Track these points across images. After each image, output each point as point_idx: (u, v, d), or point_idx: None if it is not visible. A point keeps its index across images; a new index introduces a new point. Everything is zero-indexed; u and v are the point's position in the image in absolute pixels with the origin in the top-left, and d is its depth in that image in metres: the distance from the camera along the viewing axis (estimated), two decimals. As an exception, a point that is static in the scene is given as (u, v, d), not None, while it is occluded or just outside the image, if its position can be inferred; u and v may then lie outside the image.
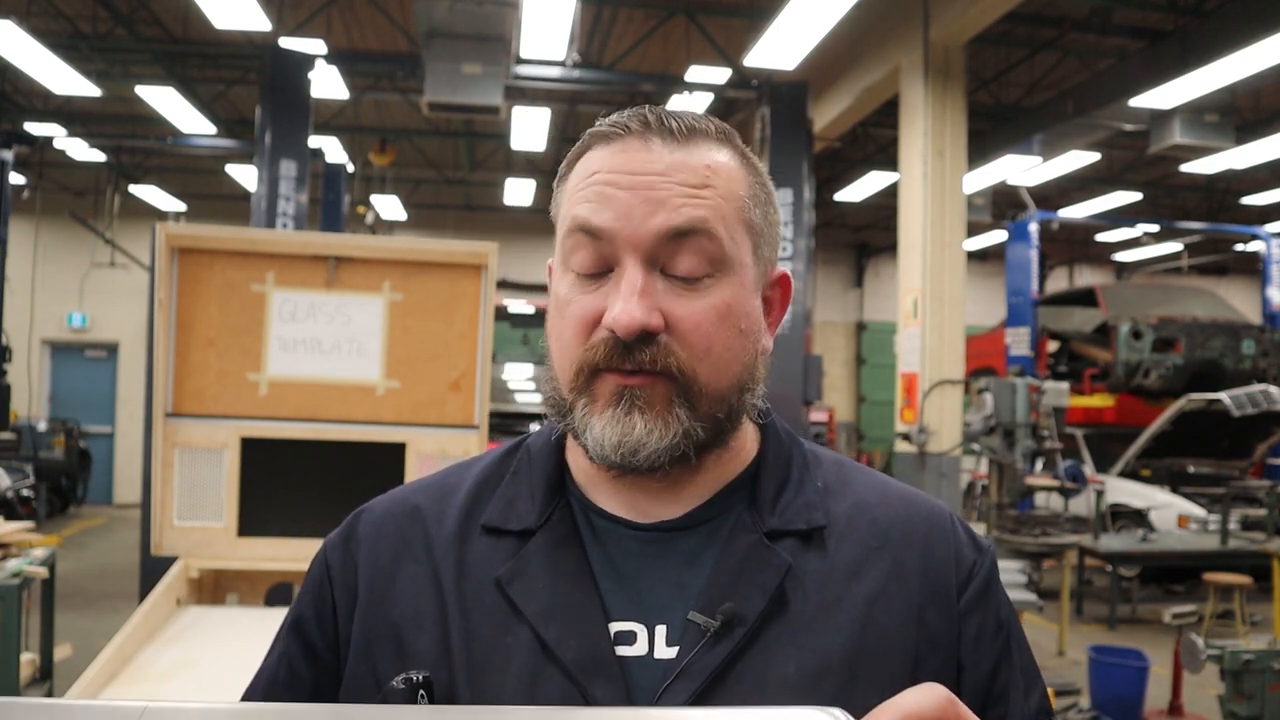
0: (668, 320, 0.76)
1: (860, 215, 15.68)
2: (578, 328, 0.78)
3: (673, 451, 0.77)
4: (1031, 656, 0.86)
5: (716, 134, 0.82)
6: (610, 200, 0.77)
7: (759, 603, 0.76)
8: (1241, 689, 3.74)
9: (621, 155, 0.78)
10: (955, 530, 0.86)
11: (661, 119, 0.79)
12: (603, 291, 0.77)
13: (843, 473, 0.88)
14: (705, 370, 0.77)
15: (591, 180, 0.79)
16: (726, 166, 0.80)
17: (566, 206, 0.80)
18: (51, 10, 8.73)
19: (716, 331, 0.77)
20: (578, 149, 0.83)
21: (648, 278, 0.76)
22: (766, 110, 7.86)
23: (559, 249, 0.82)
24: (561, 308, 0.80)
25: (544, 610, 0.77)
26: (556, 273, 0.82)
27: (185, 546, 2.85)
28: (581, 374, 0.78)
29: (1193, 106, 8.32)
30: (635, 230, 0.76)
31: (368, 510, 0.89)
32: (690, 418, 0.77)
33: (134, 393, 13.44)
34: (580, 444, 0.79)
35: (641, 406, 0.76)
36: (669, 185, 0.77)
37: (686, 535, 0.81)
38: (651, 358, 0.75)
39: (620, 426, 0.76)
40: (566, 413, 0.80)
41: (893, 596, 0.80)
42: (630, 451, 0.76)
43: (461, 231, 14.82)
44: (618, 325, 0.74)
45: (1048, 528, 6.47)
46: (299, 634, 0.85)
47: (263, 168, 7.61)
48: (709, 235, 0.77)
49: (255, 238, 3.12)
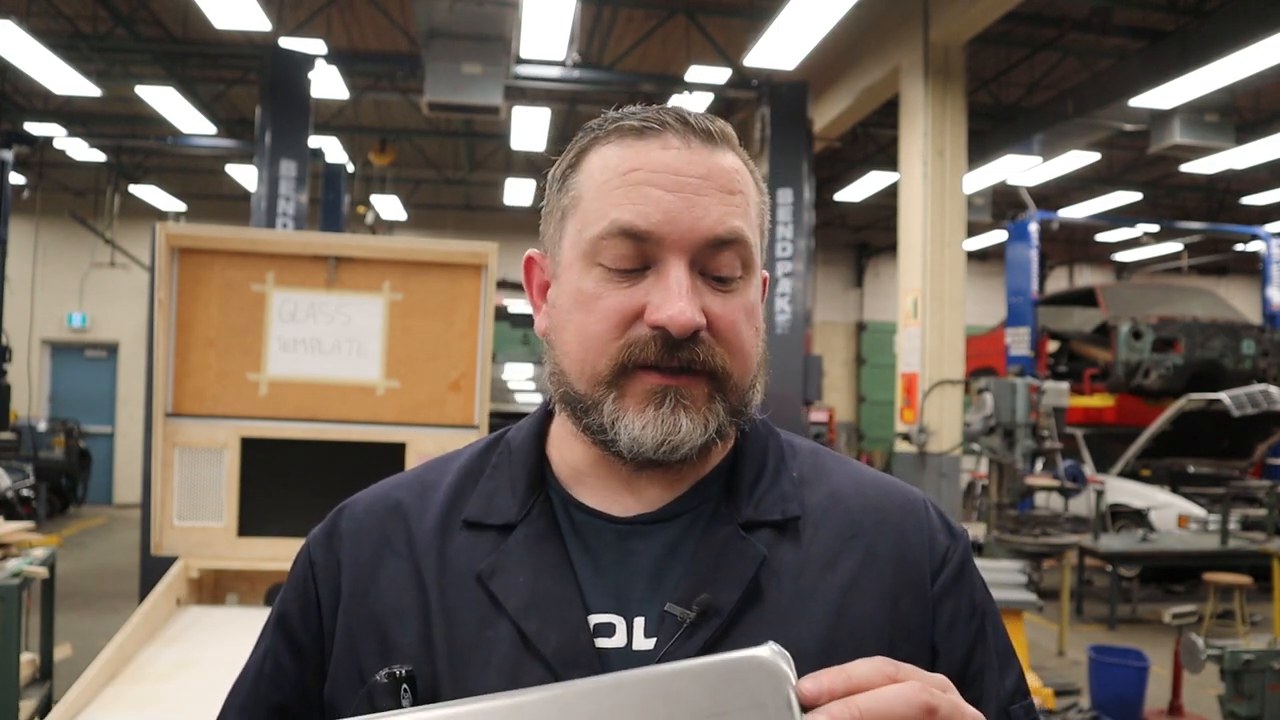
0: (707, 318, 0.78)
1: (860, 215, 15.68)
2: (613, 322, 0.78)
3: (706, 447, 0.79)
4: (1008, 639, 0.87)
5: (732, 138, 0.83)
6: (657, 202, 0.77)
7: (734, 594, 0.77)
8: (1241, 689, 3.74)
9: (661, 153, 0.78)
10: (929, 516, 0.87)
11: (696, 119, 0.80)
12: (640, 288, 0.78)
13: (818, 463, 0.89)
14: (736, 367, 0.80)
15: (631, 178, 0.78)
16: (743, 172, 0.83)
17: (598, 202, 0.79)
18: (51, 10, 8.73)
19: (744, 330, 0.80)
20: (593, 139, 0.82)
21: (691, 277, 0.77)
22: (766, 110, 7.86)
23: (579, 242, 0.80)
24: (589, 301, 0.79)
25: (524, 604, 0.78)
26: (573, 266, 0.81)
27: (185, 546, 2.85)
28: (616, 370, 0.78)
29: (1193, 106, 8.32)
30: (683, 234, 0.77)
31: (350, 506, 0.90)
32: (725, 413, 0.80)
33: (134, 393, 13.44)
34: (601, 440, 0.79)
35: (686, 405, 0.78)
36: (710, 190, 0.78)
37: (664, 527, 0.82)
38: (700, 356, 0.77)
39: (665, 425, 0.77)
40: (589, 409, 0.80)
41: (867, 585, 0.81)
42: (672, 449, 0.77)
43: (461, 231, 14.82)
44: (673, 324, 0.75)
45: (1048, 528, 6.47)
46: (284, 630, 0.86)
47: (263, 168, 7.61)
48: (743, 243, 0.80)
49: (255, 238, 3.13)
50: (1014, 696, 0.83)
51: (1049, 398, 6.45)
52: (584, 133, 0.84)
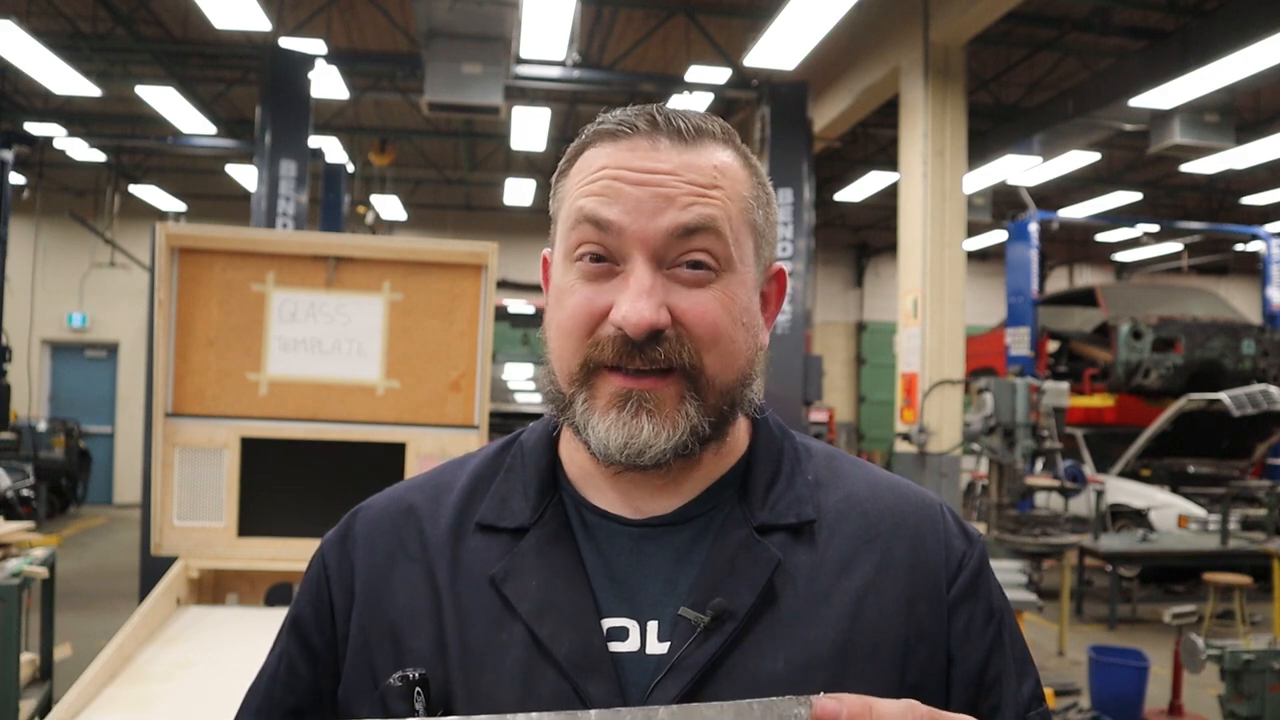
0: (674, 315, 0.76)
1: (860, 215, 15.68)
2: (580, 321, 0.78)
3: (679, 450, 0.77)
4: (1024, 645, 0.86)
5: (721, 134, 0.82)
6: (619, 195, 0.77)
7: (748, 598, 0.77)
8: (1241, 689, 3.74)
9: (629, 153, 0.78)
10: (945, 521, 0.86)
11: (669, 119, 0.80)
12: (609, 286, 0.77)
13: (834, 465, 0.88)
14: (712, 361, 0.78)
15: (599, 175, 0.78)
16: (732, 167, 0.81)
17: (571, 199, 0.80)
18: (51, 10, 8.73)
19: (722, 323, 0.78)
20: (579, 144, 0.83)
21: (655, 275, 0.76)
22: (766, 110, 7.86)
23: (561, 241, 0.82)
24: (562, 299, 0.80)
25: (537, 607, 0.77)
26: (558, 265, 0.82)
27: (185, 546, 2.85)
28: (584, 369, 0.78)
29: (1193, 106, 8.31)
30: (644, 227, 0.76)
31: (364, 509, 0.90)
32: (699, 413, 0.78)
33: (134, 393, 13.44)
34: (581, 439, 0.80)
35: (650, 409, 0.77)
36: (678, 184, 0.77)
37: (678, 530, 0.81)
38: (664, 354, 0.76)
39: (626, 429, 0.76)
40: (566, 407, 0.80)
41: (882, 589, 0.80)
42: (636, 453, 0.76)
43: (461, 231, 14.82)
44: (627, 324, 0.74)
45: (1048, 528, 6.47)
46: (298, 633, 0.86)
47: (263, 168, 7.61)
48: (716, 234, 0.78)
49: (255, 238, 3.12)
50: (1031, 704, 0.82)
51: (1049, 398, 6.45)
52: (579, 136, 0.84)
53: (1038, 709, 0.82)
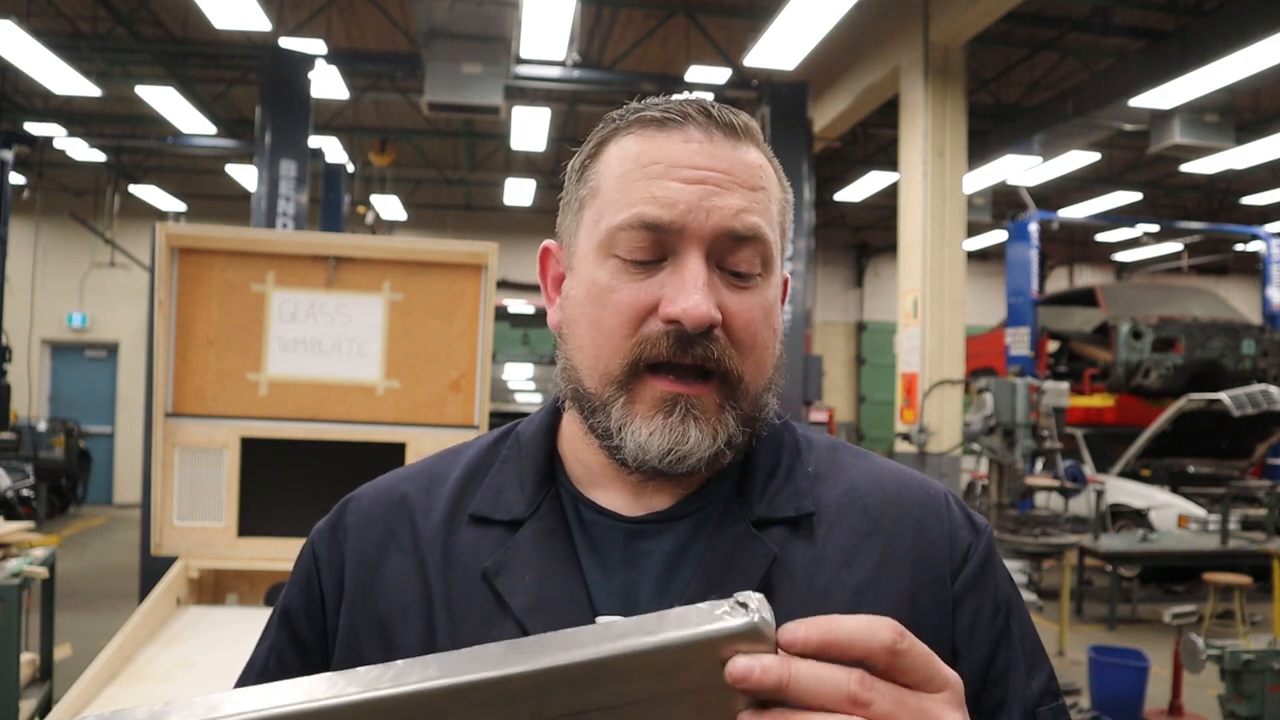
0: (723, 315, 0.76)
1: (860, 215, 15.68)
2: (626, 316, 0.76)
3: (716, 458, 0.77)
4: (1036, 637, 0.83)
5: (755, 132, 0.82)
6: (678, 194, 0.75)
7: None
8: (1241, 689, 3.74)
9: (683, 145, 0.77)
10: (950, 511, 0.84)
11: (718, 112, 0.79)
12: (655, 280, 0.76)
13: (835, 457, 0.87)
14: (749, 369, 0.77)
15: (652, 170, 0.77)
16: (766, 168, 0.81)
17: (617, 193, 0.78)
18: (51, 10, 8.73)
19: (760, 329, 0.78)
20: (613, 130, 0.81)
21: (709, 272, 0.76)
22: (766, 110, 7.86)
23: (597, 233, 0.79)
24: (603, 295, 0.77)
25: (530, 604, 0.76)
26: (589, 257, 0.79)
27: (185, 546, 2.85)
28: (627, 370, 0.76)
29: (1193, 106, 8.32)
30: (702, 225, 0.75)
31: (355, 499, 0.88)
32: (736, 421, 0.77)
33: (134, 393, 13.44)
34: (607, 444, 0.78)
35: (696, 415, 0.75)
36: (732, 185, 0.76)
37: (674, 526, 0.80)
38: (714, 354, 0.75)
39: (673, 435, 0.75)
40: (596, 410, 0.78)
41: (885, 584, 0.78)
42: (679, 459, 0.75)
43: (461, 231, 14.82)
44: (687, 318, 0.73)
45: (1048, 528, 6.47)
46: (287, 625, 0.85)
47: (263, 168, 7.61)
48: (762, 241, 0.77)
49: (255, 238, 3.12)
50: (1042, 698, 0.79)
51: (1049, 398, 6.45)
52: (604, 123, 0.83)
53: (1050, 704, 0.80)
